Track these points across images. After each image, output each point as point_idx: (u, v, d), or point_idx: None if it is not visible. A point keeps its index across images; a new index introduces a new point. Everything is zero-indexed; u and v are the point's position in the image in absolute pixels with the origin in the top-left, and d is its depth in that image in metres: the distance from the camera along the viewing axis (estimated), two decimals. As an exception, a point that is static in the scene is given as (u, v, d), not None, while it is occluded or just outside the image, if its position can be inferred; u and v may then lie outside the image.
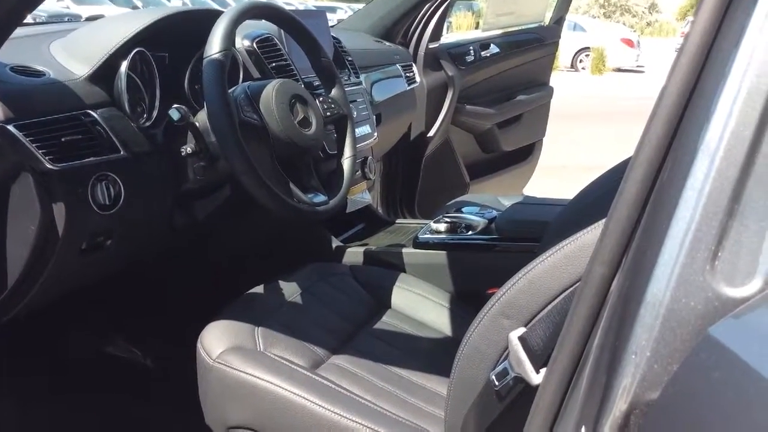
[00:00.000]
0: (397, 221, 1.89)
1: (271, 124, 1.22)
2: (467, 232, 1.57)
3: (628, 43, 16.17)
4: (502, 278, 1.50)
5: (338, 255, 1.66)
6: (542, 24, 3.10)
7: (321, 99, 1.39)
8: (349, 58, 1.86)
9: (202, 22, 1.39)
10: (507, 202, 2.24)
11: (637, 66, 16.50)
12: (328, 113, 1.38)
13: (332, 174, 1.39)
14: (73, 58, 1.22)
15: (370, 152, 1.85)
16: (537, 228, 1.41)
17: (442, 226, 1.59)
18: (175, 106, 1.23)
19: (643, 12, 39.78)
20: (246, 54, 1.53)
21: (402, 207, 2.81)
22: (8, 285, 1.15)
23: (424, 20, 2.51)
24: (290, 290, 1.39)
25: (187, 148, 1.26)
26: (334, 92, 1.43)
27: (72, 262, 1.19)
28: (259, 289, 1.39)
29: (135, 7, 17.47)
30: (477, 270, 1.54)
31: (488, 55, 2.85)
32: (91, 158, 1.14)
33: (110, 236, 1.23)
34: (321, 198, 1.30)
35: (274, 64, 1.55)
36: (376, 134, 1.82)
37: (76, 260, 1.19)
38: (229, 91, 1.23)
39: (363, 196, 1.79)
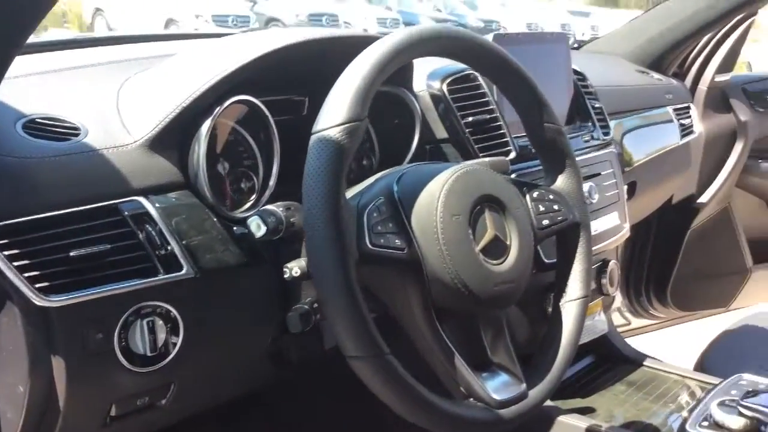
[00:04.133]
0: (645, 363, 1.20)
1: (430, 255, 0.66)
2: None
3: None
4: None
5: (544, 425, 1.04)
6: None
7: (536, 195, 0.79)
8: (596, 104, 1.22)
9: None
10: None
11: None
12: (545, 221, 0.78)
13: (538, 332, 0.79)
14: (138, 108, 0.76)
15: (614, 253, 1.20)
16: None
17: (734, 422, 0.89)
18: (268, 207, 0.72)
19: None
20: (430, 101, 0.98)
21: (649, 291, 2.09)
22: None
23: (712, 44, 1.77)
24: None
25: (294, 269, 0.73)
26: (561, 182, 0.82)
27: None
28: None
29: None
30: None
31: (808, 93, 2.00)
32: (123, 283, 0.67)
33: (165, 394, 0.77)
34: (512, 388, 0.71)
35: (470, 119, 0.98)
36: (627, 226, 1.17)
37: (102, 430, 0.74)
38: (358, 190, 0.70)
39: (596, 319, 1.15)
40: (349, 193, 0.69)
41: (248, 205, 0.83)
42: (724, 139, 1.91)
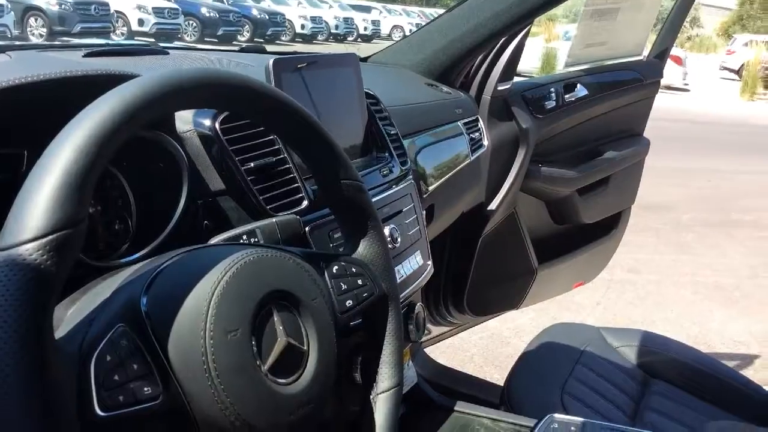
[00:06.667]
0: (456, 408, 1.13)
1: (198, 396, 0.48)
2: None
3: (676, 60, 15.25)
4: None
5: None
6: (641, 59, 2.37)
7: (336, 270, 0.65)
8: (392, 131, 1.11)
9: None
10: (618, 343, 1.51)
11: (684, 84, 15.64)
12: (349, 301, 0.64)
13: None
14: None
15: (419, 295, 1.11)
16: None
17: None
18: None
19: (683, 26, 38.70)
20: (199, 144, 0.79)
21: (447, 300, 2.09)
22: None
23: (493, 54, 1.77)
24: None
25: None
26: (363, 248, 0.69)
27: None
28: None
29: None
30: None
31: (573, 99, 2.12)
32: None
33: None
34: None
35: (252, 165, 0.81)
36: (430, 263, 1.08)
37: None
38: (84, 314, 0.50)
39: (405, 370, 1.05)
40: (69, 324, 0.48)
41: None
42: (508, 146, 1.93)
